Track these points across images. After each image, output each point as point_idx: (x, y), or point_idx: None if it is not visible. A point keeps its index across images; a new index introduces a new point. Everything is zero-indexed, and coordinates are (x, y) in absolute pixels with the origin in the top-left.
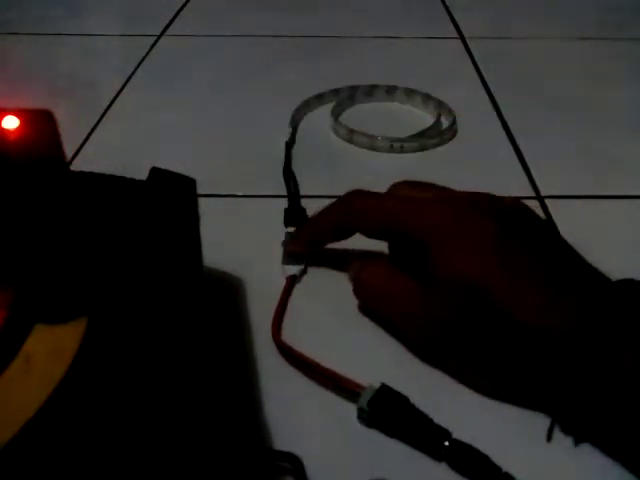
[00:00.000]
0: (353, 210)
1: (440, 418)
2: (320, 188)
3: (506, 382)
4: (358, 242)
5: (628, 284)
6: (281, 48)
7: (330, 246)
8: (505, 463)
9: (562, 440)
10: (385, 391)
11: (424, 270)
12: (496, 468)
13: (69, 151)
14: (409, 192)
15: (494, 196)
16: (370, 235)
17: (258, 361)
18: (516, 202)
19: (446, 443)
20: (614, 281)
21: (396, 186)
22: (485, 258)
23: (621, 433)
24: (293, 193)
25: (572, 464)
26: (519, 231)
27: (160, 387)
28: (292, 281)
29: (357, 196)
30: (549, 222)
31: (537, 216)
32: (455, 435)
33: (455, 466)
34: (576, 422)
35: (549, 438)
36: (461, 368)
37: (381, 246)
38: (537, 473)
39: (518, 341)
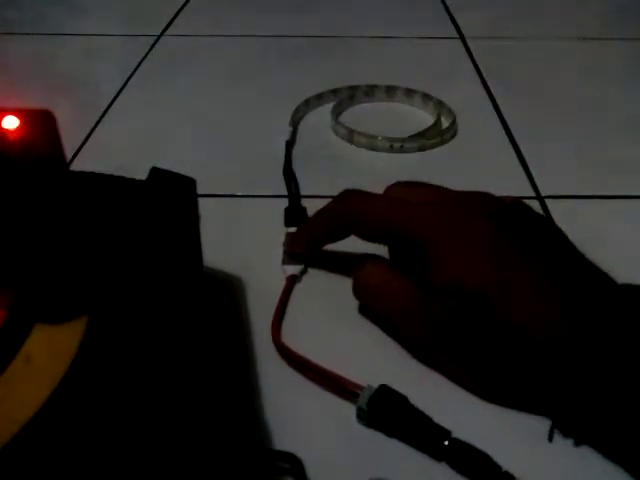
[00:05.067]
0: (350, 213)
1: (440, 418)
2: (320, 188)
3: (503, 386)
4: (358, 242)
5: (632, 289)
6: (281, 48)
7: (330, 247)
8: (505, 462)
9: (562, 439)
10: (384, 391)
11: (422, 273)
12: (496, 467)
13: (69, 151)
14: (405, 194)
15: (492, 195)
16: (366, 238)
17: (258, 361)
18: (515, 200)
19: (446, 442)
20: (619, 284)
21: (392, 187)
22: (481, 261)
23: (619, 437)
24: (293, 193)
25: (572, 463)
26: (517, 231)
27: (160, 387)
28: (292, 281)
29: (353, 198)
30: (550, 220)
31: (537, 214)
32: (455, 435)
33: (455, 465)
34: (575, 425)
35: (550, 438)
36: (458, 371)
37: (381, 247)
38: (537, 472)
39: (514, 345)
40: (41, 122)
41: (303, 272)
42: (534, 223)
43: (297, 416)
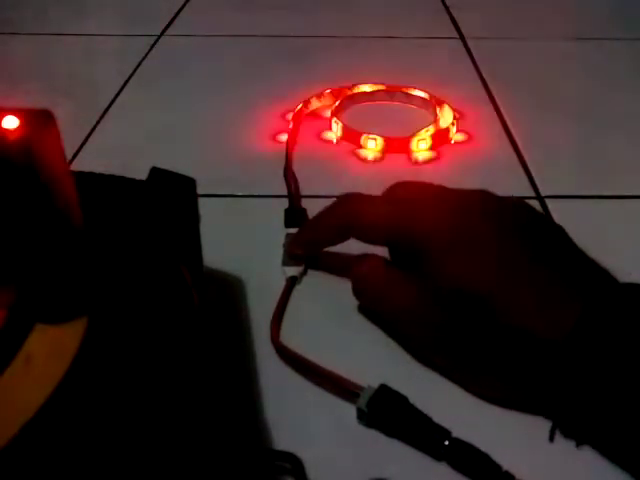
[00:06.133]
0: (350, 216)
1: (439, 418)
2: (320, 188)
3: (505, 387)
4: (359, 244)
5: (634, 289)
6: (281, 48)
7: (330, 247)
8: (505, 462)
9: (563, 439)
10: (384, 391)
11: (423, 273)
12: (496, 467)
13: (69, 151)
14: (407, 194)
15: (493, 195)
16: (367, 241)
17: (258, 361)
18: (516, 200)
19: (446, 442)
20: (622, 283)
21: (393, 188)
22: (483, 263)
23: (620, 437)
24: (293, 193)
25: (572, 463)
26: (518, 231)
27: (160, 387)
28: (292, 282)
29: (353, 201)
30: (551, 220)
31: (538, 214)
32: (454, 435)
33: (455, 465)
34: (576, 426)
35: (551, 439)
36: (459, 372)
37: (382, 248)
38: (537, 472)
39: (517, 346)
40: (41, 122)
41: (303, 273)
42: (536, 223)
43: (297, 416)
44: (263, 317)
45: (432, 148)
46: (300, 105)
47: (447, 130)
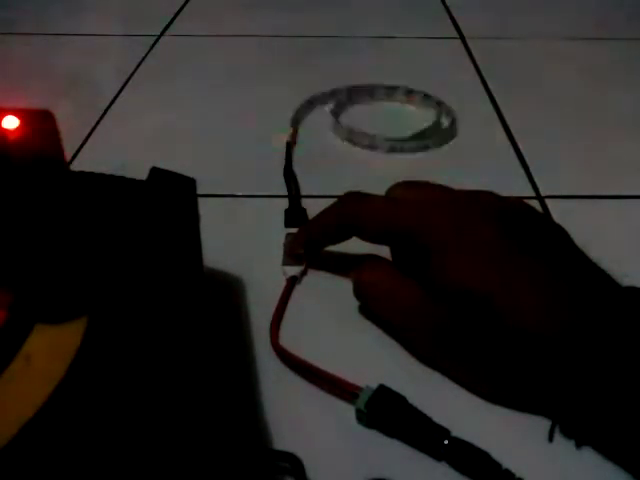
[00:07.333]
0: (351, 214)
1: (439, 418)
2: (320, 188)
3: (504, 386)
4: (359, 243)
5: (635, 292)
6: (281, 48)
7: (331, 247)
8: (505, 462)
9: (562, 439)
10: (383, 392)
11: (424, 274)
12: (496, 465)
13: (69, 151)
14: (408, 194)
15: (495, 195)
16: (368, 239)
17: (258, 361)
18: (518, 201)
19: (445, 442)
20: (624, 287)
21: (394, 188)
22: (485, 264)
23: (620, 437)
24: (293, 194)
25: (572, 463)
26: (520, 231)
27: (160, 387)
28: (292, 282)
29: (355, 199)
30: (552, 221)
31: (541, 214)
32: (454, 434)
33: (455, 464)
34: (576, 426)
35: (551, 439)
36: (460, 372)
37: (382, 248)
38: (537, 472)
39: (516, 346)
40: (41, 122)
41: (303, 273)
42: (538, 223)
43: (297, 416)
44: (263, 317)
45: (431, 148)
46: (300, 105)
47: (447, 130)
